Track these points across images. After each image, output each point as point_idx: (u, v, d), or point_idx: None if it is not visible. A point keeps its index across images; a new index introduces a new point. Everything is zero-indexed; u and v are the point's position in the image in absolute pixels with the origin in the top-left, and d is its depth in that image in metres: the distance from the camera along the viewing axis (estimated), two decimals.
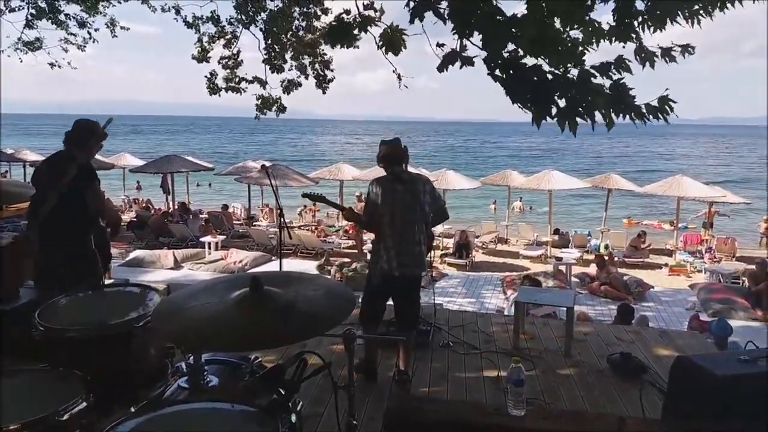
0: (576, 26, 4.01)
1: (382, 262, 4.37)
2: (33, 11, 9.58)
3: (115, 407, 1.84)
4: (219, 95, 10.06)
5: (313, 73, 9.91)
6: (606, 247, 17.10)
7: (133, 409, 1.70)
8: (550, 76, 3.56)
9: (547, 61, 3.63)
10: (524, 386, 2.58)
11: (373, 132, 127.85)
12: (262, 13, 9.44)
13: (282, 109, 10.23)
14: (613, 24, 3.99)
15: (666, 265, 16.01)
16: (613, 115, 3.40)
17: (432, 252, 5.04)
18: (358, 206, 15.88)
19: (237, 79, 9.85)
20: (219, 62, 9.84)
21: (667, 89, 3.41)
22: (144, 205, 23.11)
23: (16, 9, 9.62)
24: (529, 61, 3.71)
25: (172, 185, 20.98)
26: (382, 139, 4.61)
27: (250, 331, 1.71)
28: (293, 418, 1.76)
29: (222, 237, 16.64)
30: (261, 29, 9.58)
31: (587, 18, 4.02)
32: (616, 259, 15.19)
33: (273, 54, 9.65)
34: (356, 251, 17.18)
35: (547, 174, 17.85)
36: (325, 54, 9.87)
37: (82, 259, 4.05)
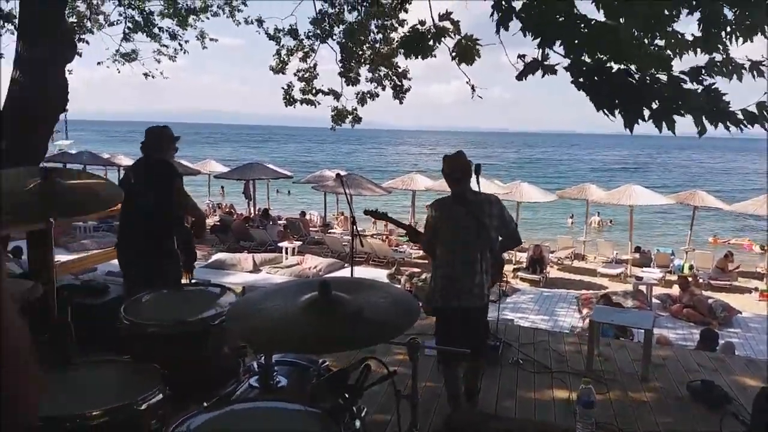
0: (657, 36, 3.89)
1: (436, 294, 4.01)
2: (130, 25, 10.25)
3: (189, 401, 1.93)
4: (294, 107, 10.38)
5: (390, 83, 10.05)
6: (690, 267, 16.25)
7: (205, 404, 1.78)
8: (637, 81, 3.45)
9: (634, 67, 3.54)
10: (595, 408, 2.50)
11: (447, 143, 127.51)
12: (340, 27, 9.68)
13: (357, 120, 10.44)
14: (699, 35, 3.84)
15: (756, 289, 14.98)
16: (705, 122, 3.24)
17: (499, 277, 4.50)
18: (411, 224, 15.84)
19: (313, 91, 10.15)
20: (295, 74, 10.17)
21: (766, 93, 3.22)
22: (227, 209, 24.03)
23: (115, 23, 10.34)
24: (615, 66, 3.61)
25: (253, 191, 21.74)
26: (444, 154, 4.18)
27: (317, 334, 1.75)
28: (357, 423, 1.79)
29: (299, 243, 17.06)
30: (338, 42, 9.83)
31: (670, 29, 3.89)
32: (700, 281, 14.41)
33: (349, 66, 9.87)
34: (427, 261, 17.16)
35: (628, 188, 17.20)
36: (399, 66, 10.01)
37: (166, 257, 4.26)
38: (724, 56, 3.84)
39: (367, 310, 1.83)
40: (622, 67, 3.58)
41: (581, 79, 3.79)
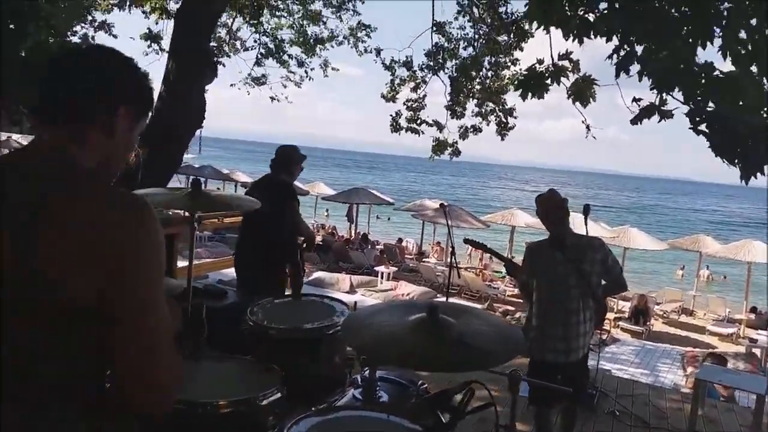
0: None
1: (537, 346, 3.74)
2: (263, 51, 11.06)
3: (298, 404, 2.09)
4: (399, 134, 10.69)
5: (495, 119, 10.13)
6: None
7: (313, 408, 1.93)
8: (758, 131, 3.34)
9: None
10: None
11: (554, 181, 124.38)
12: (453, 61, 9.92)
13: (456, 152, 10.57)
14: None
15: None
16: None
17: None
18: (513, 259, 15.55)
19: (418, 121, 10.42)
20: (404, 104, 10.50)
21: None
22: (330, 231, 24.80)
23: (249, 49, 11.19)
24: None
25: (356, 215, 22.36)
26: (537, 195, 3.96)
27: (422, 353, 1.86)
28: None
29: (394, 269, 17.29)
30: (449, 76, 10.07)
31: None
32: None
33: (457, 100, 10.06)
34: (521, 301, 16.80)
35: (747, 243, 16.03)
36: (506, 103, 10.09)
37: (276, 270, 4.56)
38: None
39: (472, 336, 1.92)
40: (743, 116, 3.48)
41: (700, 126, 3.70)
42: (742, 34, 3.61)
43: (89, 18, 10.29)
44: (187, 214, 2.86)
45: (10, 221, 1.07)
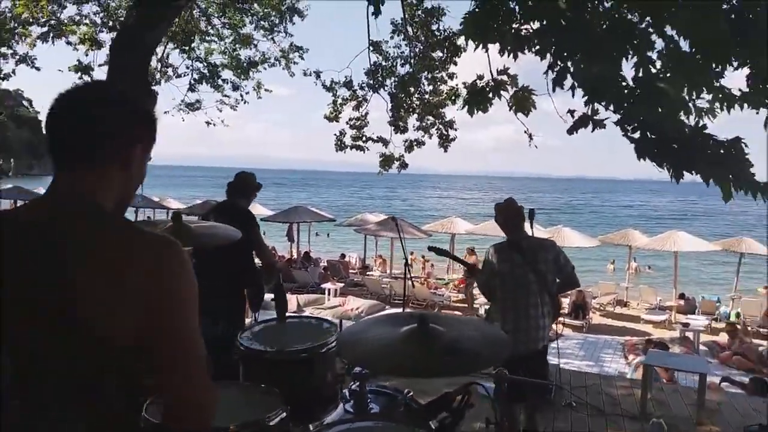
0: (704, 91, 4.09)
1: None
2: (196, 76, 10.97)
3: (297, 422, 2.19)
4: (344, 152, 10.87)
5: (437, 132, 10.45)
6: (737, 315, 15.89)
7: (311, 427, 2.03)
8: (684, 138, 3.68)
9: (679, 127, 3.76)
10: None
11: (486, 187, 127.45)
12: (392, 78, 10.19)
13: (404, 165, 10.85)
14: (746, 90, 4.03)
15: None
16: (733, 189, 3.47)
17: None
18: (470, 259, 15.99)
19: (363, 138, 10.63)
20: (347, 122, 10.67)
21: None
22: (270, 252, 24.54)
23: (182, 75, 11.07)
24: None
25: (297, 234, 22.23)
26: (495, 203, 4.34)
27: (417, 361, 2.00)
28: None
29: (341, 284, 17.33)
30: (389, 93, 10.33)
31: (717, 84, 4.10)
32: (749, 328, 14.10)
33: (398, 116, 10.34)
34: (466, 305, 17.20)
35: (672, 235, 17.06)
36: (446, 116, 10.44)
37: (240, 295, 4.57)
38: None
39: (461, 342, 2.08)
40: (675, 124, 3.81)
41: (633, 134, 4.03)
42: (659, 44, 3.97)
43: (9, 52, 9.96)
44: None
45: (48, 276, 1.12)
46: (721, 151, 3.79)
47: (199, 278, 4.00)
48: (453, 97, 9.45)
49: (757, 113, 4.01)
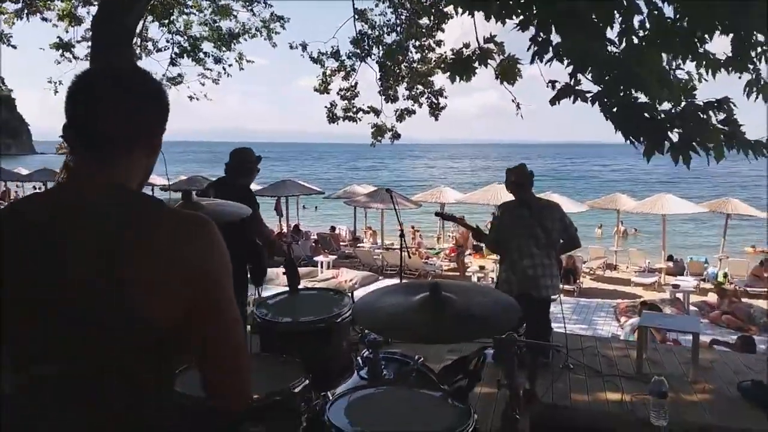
0: (689, 58, 4.07)
1: (509, 288, 4.51)
2: (176, 50, 10.78)
3: (316, 389, 2.22)
4: (337, 123, 10.80)
5: (427, 101, 10.40)
6: (725, 275, 16.19)
7: (338, 392, 2.07)
8: (662, 114, 3.69)
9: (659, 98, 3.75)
10: (667, 398, 2.73)
11: (473, 155, 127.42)
12: (379, 47, 10.08)
13: (396, 136, 10.82)
14: (730, 55, 4.03)
15: None
16: (724, 148, 3.49)
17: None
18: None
19: (354, 109, 10.56)
20: (338, 93, 10.59)
21: None
22: None
23: (163, 49, 10.88)
24: (641, 96, 3.82)
25: (286, 208, 22.17)
26: (507, 168, 4.73)
27: (432, 328, 2.04)
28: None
29: (333, 257, 17.38)
30: (377, 62, 10.23)
31: (701, 50, 4.09)
32: (737, 288, 14.39)
33: (388, 85, 10.26)
34: (459, 274, 17.35)
35: (660, 198, 17.22)
36: (435, 84, 10.38)
37: (244, 272, 4.58)
38: (754, 75, 4.03)
39: (472, 308, 2.11)
40: (646, 100, 3.80)
41: (610, 109, 4.01)
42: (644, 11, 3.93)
43: None
44: None
45: (91, 263, 1.12)
46: (710, 113, 3.81)
47: None
48: (442, 65, 9.39)
49: (740, 77, 4.03)
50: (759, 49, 4.00)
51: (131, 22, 6.27)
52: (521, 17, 4.17)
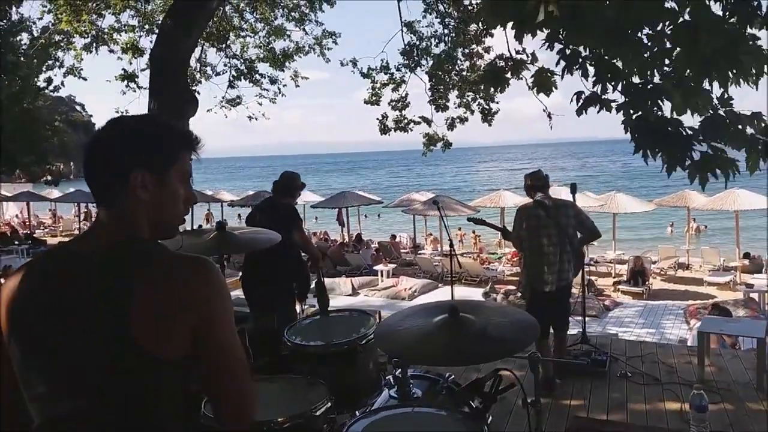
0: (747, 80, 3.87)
1: (529, 281, 5.00)
2: (234, 73, 11.23)
3: (343, 409, 2.31)
4: (389, 134, 10.94)
5: (479, 107, 10.38)
6: None
7: (357, 413, 2.15)
8: (688, 130, 3.57)
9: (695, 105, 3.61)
10: (707, 412, 2.66)
11: (532, 156, 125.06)
12: (428, 57, 10.16)
13: (447, 145, 10.85)
14: None
15: None
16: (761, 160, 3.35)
17: (598, 278, 5.38)
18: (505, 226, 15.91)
19: (405, 121, 10.67)
20: (389, 104, 10.72)
21: None
22: (323, 237, 25.00)
23: (221, 73, 11.35)
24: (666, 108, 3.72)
25: (347, 218, 22.53)
26: (525, 174, 5.18)
27: (449, 350, 2.08)
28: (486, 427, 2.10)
29: (392, 265, 17.51)
30: (426, 72, 10.31)
31: (752, 44, 3.89)
32: None
33: (438, 94, 10.31)
34: (520, 278, 17.07)
35: (731, 193, 16.34)
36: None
37: (289, 287, 4.76)
38: None
39: (490, 329, 2.14)
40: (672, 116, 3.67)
41: (632, 120, 3.89)
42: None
43: (57, 63, 10.46)
44: None
45: (102, 307, 1.24)
46: (742, 125, 3.65)
47: (254, 278, 4.21)
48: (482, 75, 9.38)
49: None
50: None
51: (185, 51, 6.62)
52: (548, 31, 4.14)
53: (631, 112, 3.66)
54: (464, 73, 10.34)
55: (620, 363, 5.55)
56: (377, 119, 10.62)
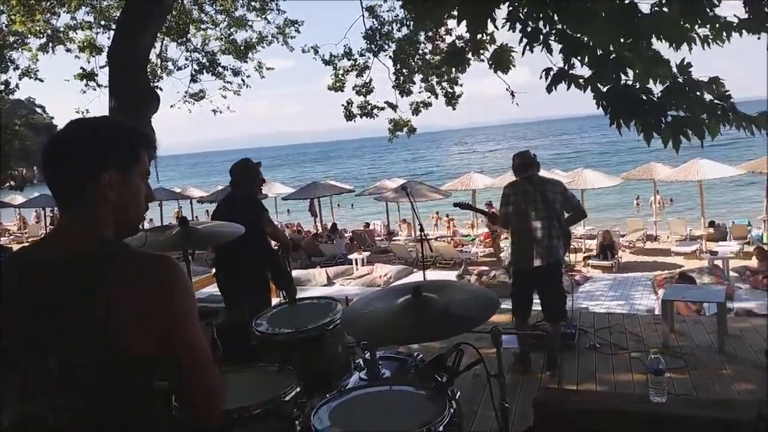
0: (699, 23, 4.00)
1: (517, 258, 4.99)
2: (196, 67, 11.07)
3: (314, 394, 2.37)
4: (354, 121, 10.93)
5: (442, 91, 10.43)
6: None
7: (328, 395, 2.21)
8: (659, 95, 3.67)
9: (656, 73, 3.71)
10: (664, 374, 2.78)
11: (509, 137, 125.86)
12: (390, 42, 10.16)
13: (412, 130, 10.89)
14: (745, 16, 3.94)
15: None
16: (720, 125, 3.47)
17: (570, 253, 5.48)
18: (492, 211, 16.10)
19: (370, 106, 10.68)
20: (353, 89, 10.71)
21: None
22: (296, 228, 24.95)
23: (183, 67, 11.18)
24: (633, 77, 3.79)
25: (319, 209, 22.50)
26: (513, 154, 5.17)
27: (414, 329, 2.15)
28: (453, 404, 2.17)
29: (366, 253, 17.57)
30: (389, 57, 10.31)
31: (711, 14, 4.01)
32: None
33: (402, 79, 10.33)
34: (494, 259, 17.31)
35: (695, 164, 16.71)
36: (450, 72, 10.35)
37: (263, 278, 4.76)
38: None
39: (453, 306, 2.21)
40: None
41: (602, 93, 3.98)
42: None
43: (12, 66, 10.20)
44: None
45: (75, 310, 1.26)
46: (700, 92, 3.76)
47: (223, 271, 4.19)
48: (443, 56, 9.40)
49: (759, 38, 3.94)
50: None
51: (144, 48, 6.52)
52: (510, 9, 4.19)
53: (600, 85, 3.74)
54: (427, 56, 10.37)
55: (589, 335, 5.71)
56: (342, 105, 10.60)
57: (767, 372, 4.55)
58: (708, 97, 3.67)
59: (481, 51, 5.00)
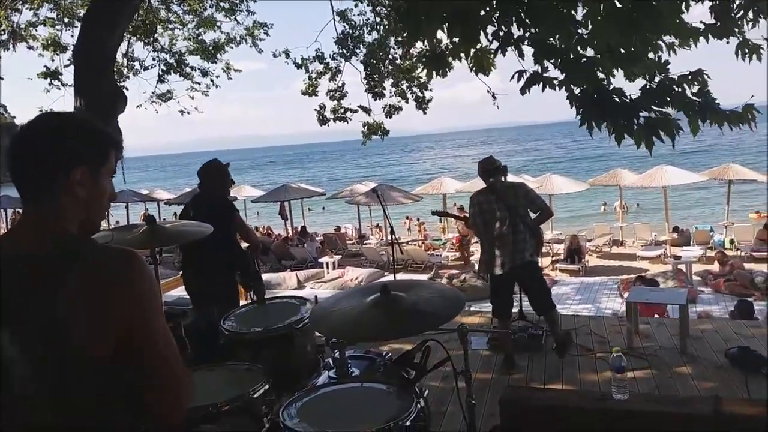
0: (667, 32, 4.10)
1: (486, 265, 5.21)
2: (163, 67, 10.91)
3: (284, 392, 2.37)
4: (327, 125, 10.93)
5: (412, 96, 10.50)
6: (731, 242, 16.17)
7: (297, 394, 2.21)
8: (631, 97, 3.74)
9: (631, 73, 3.81)
10: (626, 372, 2.85)
11: (483, 141, 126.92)
12: (362, 47, 10.19)
13: (385, 132, 10.92)
14: (711, 22, 4.05)
15: None
16: (699, 121, 3.54)
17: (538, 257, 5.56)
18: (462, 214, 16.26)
19: (343, 110, 10.68)
20: (327, 94, 10.70)
21: (752, 96, 3.51)
22: (265, 232, 24.76)
23: (150, 67, 11.01)
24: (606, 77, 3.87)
25: (289, 212, 22.38)
26: (479, 161, 5.32)
27: (382, 327, 2.17)
28: (421, 401, 2.19)
29: (338, 257, 17.53)
30: (361, 61, 10.34)
31: (678, 21, 4.12)
32: (743, 254, 14.39)
33: (373, 83, 10.37)
34: (463, 263, 17.45)
35: (659, 170, 17.12)
36: (422, 77, 10.42)
37: (232, 279, 4.72)
38: (741, 39, 4.05)
39: (421, 304, 2.24)
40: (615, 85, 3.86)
41: (575, 95, 4.06)
42: None
43: None
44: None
45: (37, 304, 1.24)
46: (684, 86, 3.84)
47: (190, 271, 4.14)
48: (423, 60, 9.46)
49: (728, 43, 4.05)
50: (740, 12, 4.01)
51: (111, 47, 6.42)
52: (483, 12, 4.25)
53: (573, 87, 3.82)
54: (397, 61, 10.42)
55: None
56: (315, 110, 10.58)
57: (726, 372, 4.69)
58: (689, 92, 3.76)
59: (462, 54, 5.04)
